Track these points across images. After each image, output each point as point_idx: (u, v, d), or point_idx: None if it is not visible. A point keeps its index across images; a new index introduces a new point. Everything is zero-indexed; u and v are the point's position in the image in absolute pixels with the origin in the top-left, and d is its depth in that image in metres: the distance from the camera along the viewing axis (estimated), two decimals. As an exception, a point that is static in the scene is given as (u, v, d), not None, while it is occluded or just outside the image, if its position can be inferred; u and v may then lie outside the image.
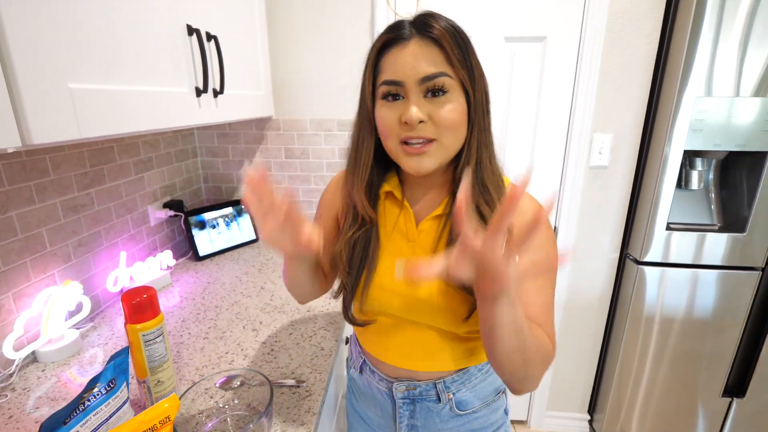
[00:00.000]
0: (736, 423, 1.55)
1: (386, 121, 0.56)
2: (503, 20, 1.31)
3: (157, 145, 1.25)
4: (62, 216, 0.91)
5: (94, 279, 1.01)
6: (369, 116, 0.59)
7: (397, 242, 0.64)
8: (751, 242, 1.34)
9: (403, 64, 0.53)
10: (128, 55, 0.67)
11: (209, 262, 1.33)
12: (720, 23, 1.16)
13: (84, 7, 0.58)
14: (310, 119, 1.44)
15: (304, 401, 0.73)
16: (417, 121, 0.53)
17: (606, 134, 1.39)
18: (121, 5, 0.65)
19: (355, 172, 0.62)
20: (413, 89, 0.53)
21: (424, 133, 0.54)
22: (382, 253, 0.64)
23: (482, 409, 0.71)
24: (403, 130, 0.54)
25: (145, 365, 0.66)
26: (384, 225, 0.65)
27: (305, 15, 1.34)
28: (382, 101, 0.56)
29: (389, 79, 0.54)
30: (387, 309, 0.64)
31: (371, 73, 0.57)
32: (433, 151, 0.55)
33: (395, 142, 0.56)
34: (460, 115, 0.55)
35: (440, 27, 0.53)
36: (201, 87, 0.89)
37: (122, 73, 0.66)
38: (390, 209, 0.65)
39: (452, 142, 0.56)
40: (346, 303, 0.66)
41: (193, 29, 0.85)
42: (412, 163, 0.56)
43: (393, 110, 0.55)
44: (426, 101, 0.54)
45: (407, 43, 0.53)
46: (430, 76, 0.52)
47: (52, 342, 0.84)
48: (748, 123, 1.23)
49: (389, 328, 0.66)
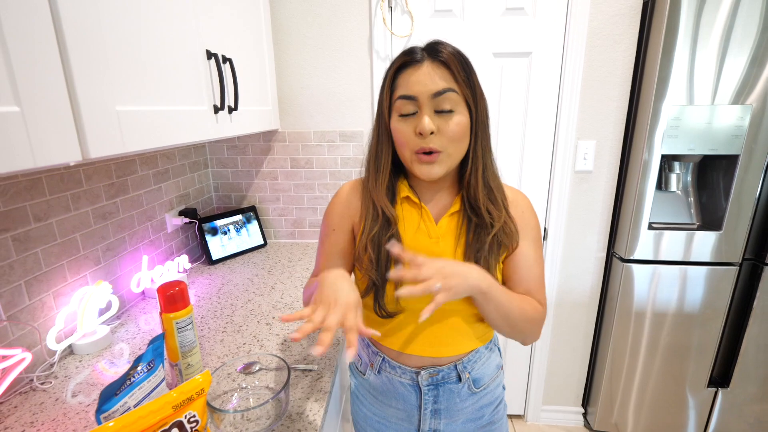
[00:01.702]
0: (722, 412, 1.62)
1: (403, 133, 0.66)
2: (492, 38, 1.43)
3: (173, 158, 1.36)
4: (93, 222, 1.01)
5: (120, 281, 1.10)
6: (386, 127, 0.70)
7: (421, 240, 0.71)
8: (728, 239, 1.44)
9: (417, 82, 0.64)
10: (161, 79, 0.78)
11: (221, 265, 1.42)
12: (696, 35, 1.27)
13: (130, 42, 0.68)
14: (313, 131, 1.54)
15: (317, 382, 0.81)
16: (429, 131, 0.63)
17: (589, 141, 1.49)
18: (155, 37, 0.76)
19: (377, 176, 0.72)
20: (426, 104, 0.63)
21: (434, 144, 0.64)
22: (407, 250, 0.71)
23: (490, 384, 0.79)
24: (418, 142, 0.64)
25: (177, 350, 0.75)
26: (406, 226, 0.72)
27: (308, 36, 1.45)
28: (398, 117, 0.66)
29: (405, 94, 0.65)
30: (419, 301, 0.69)
31: (389, 90, 0.68)
32: (441, 160, 0.66)
33: (410, 152, 0.66)
34: (464, 128, 0.65)
35: (448, 52, 0.64)
36: (218, 105, 0.99)
37: (154, 95, 0.76)
38: (408, 211, 0.73)
39: (456, 151, 0.66)
40: (378, 298, 0.71)
41: (211, 54, 0.96)
42: (424, 170, 0.67)
43: (408, 124, 0.65)
44: (436, 117, 0.64)
45: (421, 65, 0.64)
46: (441, 91, 0.63)
47: (86, 336, 0.93)
48: (721, 128, 1.33)
49: (415, 320, 0.72)
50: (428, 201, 0.74)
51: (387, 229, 0.71)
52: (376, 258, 0.70)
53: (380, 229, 0.71)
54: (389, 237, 0.70)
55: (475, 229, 0.69)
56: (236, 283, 1.28)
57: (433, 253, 0.71)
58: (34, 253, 0.85)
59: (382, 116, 0.70)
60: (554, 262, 1.63)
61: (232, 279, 1.31)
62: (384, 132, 0.70)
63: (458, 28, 1.43)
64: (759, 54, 1.26)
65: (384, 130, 0.70)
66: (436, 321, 0.72)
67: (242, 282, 1.29)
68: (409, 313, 0.72)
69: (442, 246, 0.71)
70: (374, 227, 0.71)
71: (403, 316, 0.73)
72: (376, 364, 0.79)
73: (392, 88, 0.68)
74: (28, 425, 0.71)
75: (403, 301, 0.71)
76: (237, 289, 1.24)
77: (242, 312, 1.10)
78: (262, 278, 1.31)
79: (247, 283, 1.28)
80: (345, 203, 0.78)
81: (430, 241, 0.71)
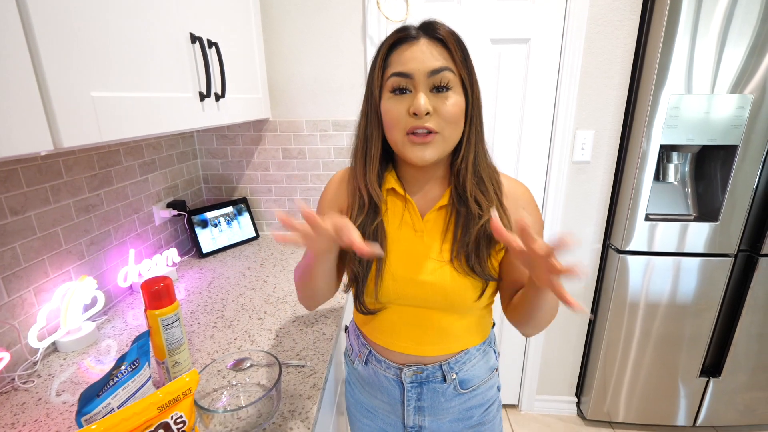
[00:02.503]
0: (713, 401, 1.64)
1: (394, 113, 0.60)
2: (489, 23, 1.38)
3: (159, 148, 1.31)
4: (75, 216, 0.97)
5: (106, 275, 1.07)
6: (376, 109, 0.64)
7: (405, 234, 0.68)
8: (724, 231, 1.43)
9: (413, 58, 0.59)
10: (140, 64, 0.73)
11: (212, 258, 1.39)
12: (696, 24, 1.24)
13: (104, 23, 0.64)
14: (305, 120, 1.50)
15: (309, 378, 0.79)
16: (425, 111, 0.58)
17: (588, 131, 1.47)
18: (132, 19, 0.71)
19: (366, 161, 0.67)
20: (421, 82, 0.59)
21: (430, 123, 0.59)
22: (391, 245, 0.67)
23: (480, 386, 0.77)
24: (411, 121, 0.59)
25: (164, 347, 0.72)
26: (390, 219, 0.69)
27: (299, 20, 1.40)
28: (389, 94, 0.61)
29: (400, 71, 0.60)
30: (400, 298, 0.68)
31: (381, 67, 0.62)
32: (435, 142, 0.61)
33: (401, 134, 0.61)
34: (461, 109, 0.61)
35: (445, 30, 0.61)
36: (204, 92, 0.95)
37: (135, 80, 0.72)
38: (393, 204, 0.69)
39: (452, 134, 0.61)
40: (359, 293, 0.70)
41: (195, 37, 0.91)
42: (416, 152, 0.61)
43: (401, 103, 0.60)
44: (431, 95, 0.60)
45: (416, 41, 0.60)
46: (438, 69, 0.59)
47: (70, 333, 0.90)
48: (720, 118, 1.31)
49: (400, 317, 0.70)
50: (415, 193, 0.70)
51: (372, 219, 0.67)
52: None
53: (365, 218, 0.67)
54: (374, 228, 0.67)
55: (464, 223, 0.65)
56: (227, 277, 1.25)
57: (417, 248, 0.68)
58: (12, 248, 0.81)
59: (372, 97, 0.65)
60: (550, 254, 1.61)
61: (223, 272, 1.28)
62: (374, 114, 0.65)
63: (455, 13, 1.38)
64: (759, 43, 1.24)
65: (374, 112, 0.65)
66: (421, 320, 0.70)
67: (233, 275, 1.26)
68: (392, 309, 0.70)
69: (427, 241, 0.68)
70: (359, 217, 0.68)
71: (386, 313, 0.71)
72: (363, 355, 0.78)
73: (384, 66, 0.63)
74: (8, 426, 0.68)
75: (384, 297, 0.68)
76: (228, 282, 1.21)
77: (233, 306, 1.07)
78: (254, 271, 1.29)
79: (239, 276, 1.25)
80: (334, 191, 0.75)
81: (415, 235, 0.68)
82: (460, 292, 0.66)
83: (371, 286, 0.67)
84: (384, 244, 0.67)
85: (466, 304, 0.67)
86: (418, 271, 0.66)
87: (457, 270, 0.65)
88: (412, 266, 0.67)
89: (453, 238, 0.66)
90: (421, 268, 0.66)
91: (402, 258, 0.67)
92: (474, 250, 0.64)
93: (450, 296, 0.66)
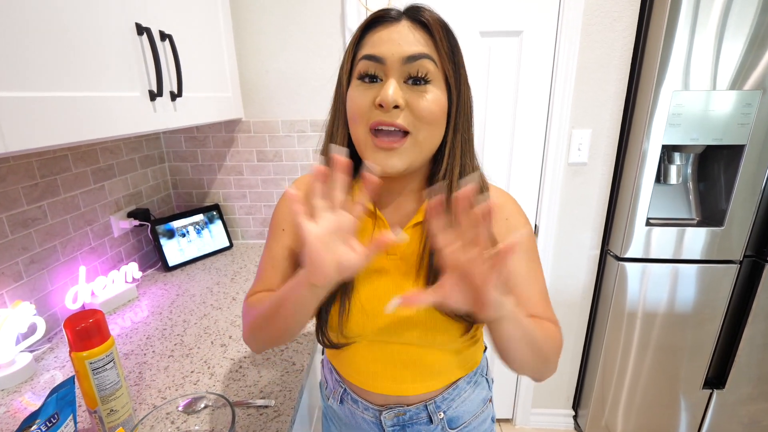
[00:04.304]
0: (716, 414, 1.56)
1: (358, 102, 0.49)
2: (478, 14, 1.28)
3: (117, 152, 1.19)
4: (9, 232, 0.85)
5: (51, 296, 0.95)
6: (344, 100, 0.53)
7: (375, 258, 0.54)
8: (729, 236, 1.34)
9: (388, 39, 0.48)
10: (64, 57, 0.62)
11: (179, 272, 1.28)
12: (696, 14, 1.15)
13: (13, 8, 0.52)
14: (281, 120, 1.38)
15: (272, 422, 0.69)
16: (392, 104, 0.47)
17: (584, 130, 1.37)
18: (56, 2, 0.60)
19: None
20: (394, 69, 0.48)
21: (399, 119, 0.48)
22: (359, 273, 0.56)
23: (472, 422, 0.67)
24: (375, 114, 0.48)
25: (95, 395, 0.61)
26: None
27: (273, 12, 1.28)
28: (357, 81, 0.50)
29: (370, 54, 0.49)
30: (371, 334, 0.57)
31: (352, 50, 0.52)
32: (405, 148, 0.49)
33: (364, 130, 0.50)
34: (441, 108, 0.50)
35: (432, 15, 0.50)
36: (155, 90, 0.83)
37: (60, 78, 0.61)
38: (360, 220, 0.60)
39: (427, 139, 0.50)
40: (321, 325, 0.58)
41: (143, 28, 0.79)
42: (379, 159, 0.49)
43: (368, 92, 0.49)
44: (406, 87, 0.49)
45: (396, 22, 0.49)
46: (416, 55, 0.48)
47: (1, 368, 0.79)
48: (724, 116, 1.22)
49: (372, 353, 0.59)
50: (386, 205, 0.59)
51: None
52: None
53: None
54: None
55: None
56: (193, 294, 1.13)
57: (390, 275, 0.56)
58: None
59: (341, 86, 0.54)
60: (545, 260, 1.52)
61: (189, 288, 1.17)
62: (341, 107, 0.54)
63: (441, 3, 1.27)
64: (759, 37, 1.15)
65: (341, 104, 0.54)
66: (398, 357, 0.59)
67: (200, 292, 1.14)
68: (363, 345, 0.59)
69: (400, 266, 0.56)
70: None
71: (357, 350, 0.60)
72: (338, 393, 0.68)
73: (356, 49, 0.52)
74: None
75: (352, 332, 0.57)
76: (193, 301, 1.10)
77: (195, 330, 0.96)
78: (223, 287, 1.17)
79: (206, 293, 1.14)
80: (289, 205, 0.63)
81: (387, 259, 0.56)
82: (443, 328, 0.55)
83: (335, 318, 0.56)
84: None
85: (451, 341, 0.57)
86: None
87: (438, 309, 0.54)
88: (382, 298, 0.56)
89: (430, 264, 0.54)
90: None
91: (372, 289, 0.56)
92: None
93: (431, 333, 0.55)
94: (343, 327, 0.56)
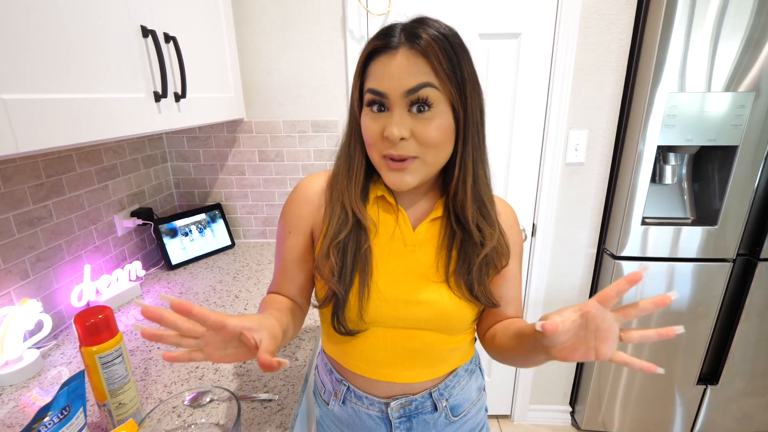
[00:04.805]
0: (710, 409, 1.59)
1: (370, 131, 0.55)
2: (477, 17, 1.30)
3: (121, 152, 1.20)
4: (16, 231, 0.86)
5: (57, 294, 0.97)
6: (357, 122, 0.59)
7: (395, 248, 0.62)
8: (723, 235, 1.37)
9: (389, 75, 0.51)
10: (74, 60, 0.63)
11: (182, 270, 1.29)
12: (692, 16, 1.17)
13: (19, 10, 0.54)
14: (283, 121, 1.40)
15: (276, 415, 0.71)
16: (398, 139, 0.52)
17: (581, 131, 1.39)
18: (63, 5, 0.61)
19: (349, 177, 0.60)
20: (397, 102, 0.52)
21: (406, 151, 0.53)
22: (378, 261, 0.61)
23: (471, 410, 0.71)
24: (385, 146, 0.54)
25: (104, 388, 0.62)
26: (378, 230, 0.62)
27: (274, 14, 1.30)
28: (367, 109, 0.55)
29: (374, 89, 0.53)
30: (389, 320, 0.61)
31: (359, 79, 0.56)
32: (415, 168, 0.55)
33: (378, 156, 0.56)
34: (445, 132, 0.53)
35: (429, 37, 0.50)
36: (160, 91, 0.85)
37: (68, 80, 0.62)
38: (382, 215, 0.63)
39: (435, 159, 0.55)
40: (337, 310, 0.61)
41: (148, 30, 0.81)
42: (393, 178, 0.56)
43: (377, 122, 0.54)
44: (410, 116, 0.52)
45: (395, 53, 0.51)
46: (414, 88, 0.51)
47: (9, 364, 0.80)
48: (718, 117, 1.25)
49: (384, 340, 0.62)
50: (408, 204, 0.64)
51: (357, 234, 0.60)
52: (340, 267, 0.59)
53: (348, 234, 0.59)
54: (357, 246, 0.59)
55: (461, 246, 0.59)
56: (196, 292, 1.15)
57: (408, 265, 0.60)
58: (-68, 272, 0.71)
59: (353, 110, 0.59)
60: (543, 259, 1.54)
61: (192, 287, 1.19)
62: (356, 127, 0.59)
63: (441, 6, 1.29)
64: (753, 39, 1.17)
65: (355, 124, 0.59)
66: (408, 343, 0.62)
67: (203, 290, 1.16)
68: (374, 332, 0.62)
69: (419, 256, 0.61)
70: (341, 232, 0.59)
71: (368, 338, 0.63)
72: (340, 393, 0.69)
73: (363, 77, 0.56)
74: None
75: (370, 318, 0.60)
76: (197, 299, 1.12)
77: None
78: (226, 285, 1.19)
79: (209, 291, 1.16)
80: (304, 201, 0.65)
81: (406, 249, 0.61)
82: (459, 313, 0.60)
83: (354, 305, 0.59)
84: (370, 259, 0.60)
85: (463, 326, 0.63)
86: (411, 291, 0.60)
87: (455, 292, 0.60)
88: (403, 286, 0.60)
89: (448, 256, 0.60)
90: (415, 288, 0.60)
91: (390, 276, 0.60)
92: (477, 278, 0.59)
93: (448, 317, 0.60)
94: (362, 312, 0.59)
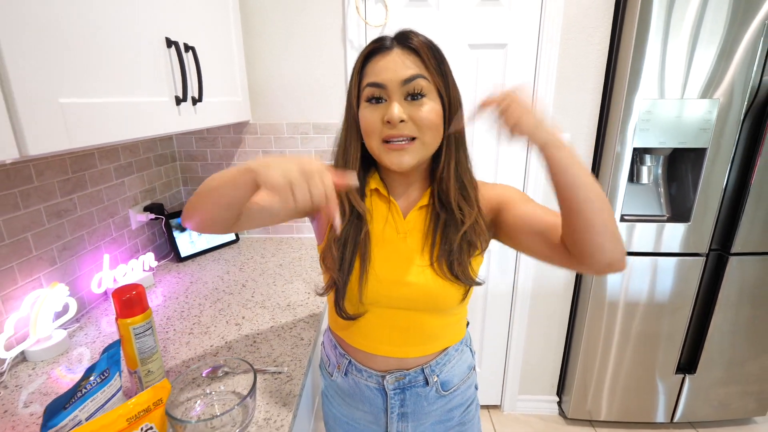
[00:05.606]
0: (689, 398, 1.69)
1: (369, 121, 0.62)
2: (467, 29, 1.40)
3: (136, 151, 1.29)
4: (46, 221, 0.95)
5: (79, 281, 1.05)
6: (355, 118, 0.66)
7: (389, 235, 0.69)
8: (696, 230, 1.47)
9: (386, 68, 0.61)
10: (112, 69, 0.72)
11: (191, 262, 1.37)
12: (667, 29, 1.27)
13: (71, 27, 0.63)
14: (286, 123, 1.49)
15: (286, 385, 0.79)
16: (398, 120, 0.60)
17: (563, 134, 1.49)
18: (104, 23, 0.70)
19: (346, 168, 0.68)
20: (395, 91, 0.61)
21: (406, 131, 0.61)
22: (375, 246, 0.68)
23: (460, 386, 0.78)
24: (386, 129, 0.61)
25: (135, 357, 0.71)
26: (373, 218, 0.70)
27: (279, 24, 1.40)
28: (366, 103, 0.63)
29: (373, 82, 0.62)
30: (384, 299, 0.68)
31: (357, 78, 0.65)
32: (414, 148, 0.62)
33: (378, 141, 0.63)
34: (438, 115, 0.62)
35: (419, 40, 0.62)
36: (180, 96, 0.94)
37: (107, 86, 0.71)
38: (377, 205, 0.71)
39: (431, 140, 0.63)
40: (339, 299, 0.69)
41: (171, 42, 0.90)
42: (393, 159, 0.62)
43: (376, 111, 0.62)
44: (406, 104, 0.61)
45: (390, 51, 0.62)
46: (411, 77, 0.60)
47: (40, 342, 0.88)
48: (690, 122, 1.35)
49: (381, 320, 0.70)
50: (399, 195, 0.72)
51: (356, 226, 0.68)
52: (339, 257, 0.67)
53: (347, 225, 0.68)
54: (358, 234, 0.67)
55: (444, 228, 0.67)
56: (205, 281, 1.23)
57: (400, 249, 0.69)
58: (-23, 255, 0.79)
59: (351, 107, 0.67)
60: (530, 255, 1.63)
61: (201, 277, 1.27)
62: (353, 124, 0.67)
63: (433, 19, 1.40)
64: (726, 48, 1.28)
65: (353, 121, 0.67)
66: (402, 322, 0.70)
67: (212, 280, 1.24)
68: (373, 313, 0.70)
69: (409, 242, 0.69)
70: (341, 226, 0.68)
71: (367, 318, 0.71)
72: (342, 366, 0.78)
73: (361, 77, 0.65)
74: (-28, 441, 0.66)
75: (367, 300, 0.68)
76: (206, 287, 1.20)
77: (210, 312, 1.06)
78: (233, 275, 1.27)
79: (217, 281, 1.24)
80: None
81: (398, 236, 0.69)
82: (444, 293, 0.67)
83: (354, 288, 0.67)
84: (368, 246, 0.68)
85: (450, 306, 0.69)
86: (402, 273, 0.67)
87: (438, 274, 0.66)
88: (395, 268, 0.67)
89: (433, 240, 0.67)
90: (406, 270, 0.67)
91: (386, 260, 0.68)
92: (457, 257, 0.65)
93: (434, 298, 0.67)
94: (362, 295, 0.67)
